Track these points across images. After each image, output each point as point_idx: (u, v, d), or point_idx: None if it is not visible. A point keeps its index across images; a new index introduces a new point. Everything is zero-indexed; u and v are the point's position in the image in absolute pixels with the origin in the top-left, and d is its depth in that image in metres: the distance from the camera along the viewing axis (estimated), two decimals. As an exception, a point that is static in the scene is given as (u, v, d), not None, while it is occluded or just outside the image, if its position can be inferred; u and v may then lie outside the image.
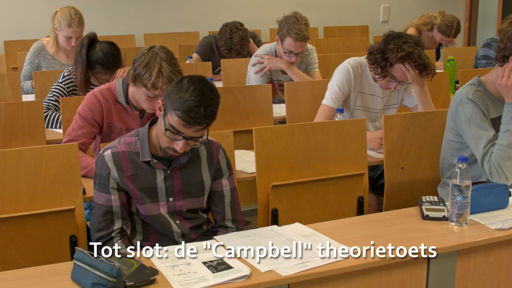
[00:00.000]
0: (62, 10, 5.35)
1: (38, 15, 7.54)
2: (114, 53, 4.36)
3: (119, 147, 2.91)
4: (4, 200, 3.02)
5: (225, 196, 3.05)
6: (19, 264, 2.95)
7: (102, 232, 2.87)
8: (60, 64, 5.53)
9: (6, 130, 4.12)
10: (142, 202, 2.90)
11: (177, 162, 2.93)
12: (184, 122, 2.71)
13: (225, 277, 2.41)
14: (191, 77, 2.76)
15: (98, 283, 2.28)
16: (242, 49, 6.26)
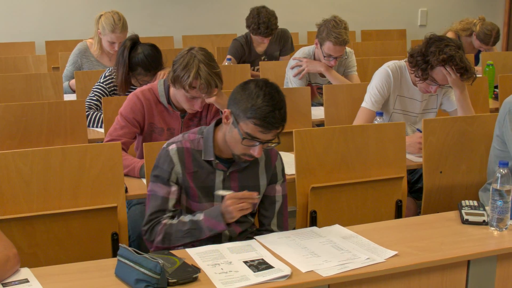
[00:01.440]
0: (106, 15, 5.42)
1: (79, 16, 7.63)
2: (155, 55, 4.41)
3: (184, 143, 2.92)
4: (49, 197, 3.08)
5: (277, 201, 3.06)
6: (62, 260, 3.00)
7: (150, 222, 2.87)
8: (103, 66, 5.60)
9: (50, 129, 4.19)
10: (199, 201, 2.93)
11: (237, 164, 2.94)
12: (262, 128, 2.71)
13: (266, 277, 2.43)
14: (256, 82, 2.75)
15: (141, 280, 2.32)
16: (270, 23, 6.25)
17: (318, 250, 2.66)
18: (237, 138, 2.78)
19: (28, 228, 3.03)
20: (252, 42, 6.50)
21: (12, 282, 2.38)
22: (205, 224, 2.78)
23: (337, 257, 2.60)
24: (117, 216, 3.14)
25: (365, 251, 2.66)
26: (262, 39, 6.32)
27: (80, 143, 4.06)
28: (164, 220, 2.87)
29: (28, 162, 3.04)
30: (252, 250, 2.67)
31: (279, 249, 2.68)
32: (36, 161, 3.05)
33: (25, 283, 2.38)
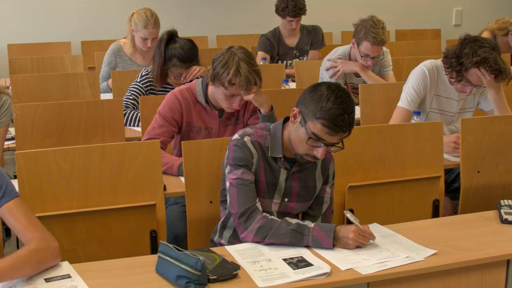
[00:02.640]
0: (139, 12, 5.46)
1: (114, 16, 7.69)
2: (192, 48, 4.46)
3: (256, 137, 2.94)
4: (88, 195, 3.11)
5: (325, 202, 3.07)
6: (101, 256, 3.03)
7: (246, 205, 2.83)
8: (136, 65, 5.65)
9: (87, 128, 4.24)
10: (263, 196, 2.93)
11: (299, 165, 2.95)
12: (330, 130, 2.71)
13: (306, 274, 2.44)
14: (329, 85, 2.76)
15: (182, 276, 2.34)
16: (298, 2, 6.39)
17: (357, 248, 2.66)
18: (302, 138, 2.78)
19: (68, 225, 3.06)
20: (281, 35, 6.55)
21: (55, 277, 2.42)
22: (312, 233, 2.70)
23: (376, 256, 2.60)
24: (155, 213, 3.16)
25: (404, 250, 2.65)
26: (290, 22, 6.38)
27: (118, 142, 4.10)
28: (261, 211, 2.85)
29: (68, 159, 3.08)
30: (291, 248, 2.67)
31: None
32: (76, 159, 3.08)
33: (67, 278, 2.42)
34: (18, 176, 3.03)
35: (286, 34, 6.62)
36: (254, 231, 2.75)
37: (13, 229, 2.54)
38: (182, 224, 3.48)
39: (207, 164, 3.31)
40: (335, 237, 2.69)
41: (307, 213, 3.08)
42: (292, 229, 2.72)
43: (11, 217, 2.51)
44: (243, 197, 2.84)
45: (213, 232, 3.16)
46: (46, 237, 2.48)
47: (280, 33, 6.61)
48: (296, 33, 6.66)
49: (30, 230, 2.48)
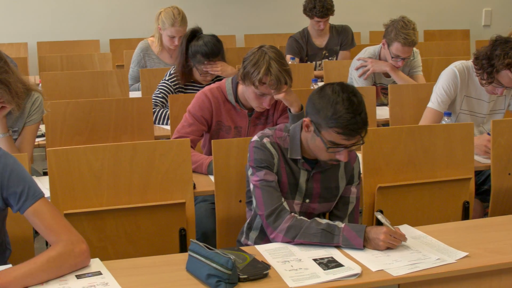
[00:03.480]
0: (166, 10, 5.50)
1: (143, 14, 7.71)
2: (215, 43, 4.48)
3: (275, 138, 2.93)
4: (118, 192, 3.13)
5: (350, 203, 3.05)
6: (130, 254, 3.05)
7: (273, 206, 2.82)
8: (164, 64, 5.67)
9: (117, 125, 4.25)
10: (285, 197, 2.92)
11: (321, 166, 2.94)
12: (346, 136, 2.69)
13: (336, 275, 2.43)
14: (332, 87, 2.72)
15: (213, 275, 2.33)
16: (326, 2, 6.38)
17: (387, 250, 2.64)
18: (321, 147, 2.77)
19: (98, 222, 3.08)
20: (310, 36, 6.53)
21: (86, 274, 2.42)
22: (343, 233, 2.68)
23: (407, 257, 2.58)
24: (185, 212, 3.17)
25: (435, 252, 2.63)
26: (318, 23, 6.36)
27: (147, 140, 4.11)
28: (289, 210, 2.83)
29: (99, 157, 3.09)
30: (321, 248, 2.67)
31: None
32: (107, 157, 3.10)
33: (98, 275, 2.42)
34: (49, 173, 3.05)
35: (315, 35, 6.60)
36: (284, 231, 2.74)
37: (39, 231, 2.54)
38: (211, 221, 3.49)
39: (236, 163, 3.31)
40: (365, 238, 2.67)
41: (332, 213, 3.07)
42: (322, 229, 2.70)
43: (36, 219, 2.49)
44: (269, 197, 2.84)
45: (239, 233, 3.16)
46: (72, 240, 2.46)
47: (308, 34, 6.60)
48: (325, 33, 6.63)
49: (56, 233, 2.47)
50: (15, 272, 2.31)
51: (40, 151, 5.79)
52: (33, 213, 2.48)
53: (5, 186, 2.47)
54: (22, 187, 2.48)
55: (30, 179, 2.53)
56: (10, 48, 7.03)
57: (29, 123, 3.54)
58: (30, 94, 3.51)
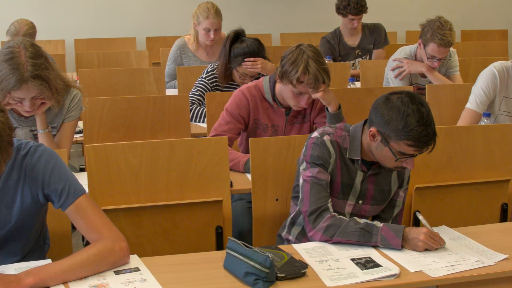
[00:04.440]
0: (200, 5, 5.61)
1: (179, 12, 7.75)
2: (258, 46, 4.48)
3: (335, 137, 2.92)
4: (156, 189, 3.14)
5: (397, 206, 3.05)
6: (167, 251, 3.08)
7: (318, 204, 2.81)
8: (200, 61, 5.70)
9: (153, 123, 4.27)
10: (337, 196, 2.93)
11: (377, 168, 2.93)
12: (417, 148, 2.70)
13: (374, 275, 2.42)
14: (401, 98, 2.70)
15: (251, 273, 2.33)
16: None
17: (426, 251, 2.62)
18: (388, 156, 2.76)
19: (135, 219, 3.10)
20: (342, 35, 6.50)
21: (124, 270, 2.44)
22: (381, 232, 2.67)
23: (446, 258, 2.56)
24: (222, 209, 3.18)
25: (474, 253, 2.61)
26: (352, 21, 6.32)
27: (183, 138, 4.13)
28: (331, 210, 2.82)
29: (137, 154, 3.11)
30: (359, 248, 2.66)
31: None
32: (144, 154, 3.12)
33: (136, 271, 2.44)
34: (87, 169, 3.08)
35: (347, 34, 6.56)
36: (322, 229, 2.74)
37: (79, 229, 2.56)
38: (247, 220, 3.50)
39: (274, 162, 3.30)
40: (404, 238, 2.66)
41: (378, 215, 3.06)
42: (360, 227, 2.70)
43: (77, 216, 2.52)
44: (316, 195, 2.83)
45: (281, 228, 3.16)
46: (113, 237, 2.48)
47: (340, 34, 6.55)
48: (357, 32, 6.59)
49: (96, 230, 2.50)
50: (55, 268, 2.34)
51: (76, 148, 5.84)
52: (74, 211, 2.50)
53: (46, 183, 2.50)
54: (63, 184, 2.50)
55: (71, 176, 2.55)
56: (48, 45, 7.11)
57: (68, 119, 3.57)
58: (69, 91, 3.54)
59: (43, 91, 3.25)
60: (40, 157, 2.51)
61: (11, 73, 3.16)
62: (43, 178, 2.50)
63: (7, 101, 3.25)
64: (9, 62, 3.18)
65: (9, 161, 2.45)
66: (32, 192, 2.52)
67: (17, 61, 3.18)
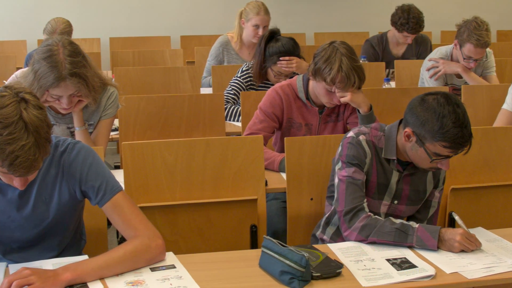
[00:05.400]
0: (250, 3, 5.69)
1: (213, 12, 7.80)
2: (293, 45, 4.49)
3: (371, 137, 2.91)
4: (191, 187, 3.16)
5: (432, 207, 3.04)
6: (201, 249, 3.09)
7: (353, 204, 2.81)
8: (242, 60, 5.72)
9: (189, 121, 4.29)
10: (372, 196, 2.92)
11: (412, 168, 2.92)
12: (453, 149, 2.69)
13: (410, 276, 2.41)
14: (437, 98, 2.68)
15: (286, 272, 2.33)
16: (419, 19, 6.13)
17: (462, 252, 2.61)
18: (423, 157, 2.75)
19: (170, 216, 3.12)
20: (388, 43, 6.39)
21: (160, 267, 2.46)
22: (417, 233, 2.66)
23: (482, 260, 2.55)
24: (256, 208, 3.18)
25: (511, 256, 2.59)
26: (405, 37, 6.19)
27: (218, 136, 4.14)
28: (367, 211, 2.82)
29: (173, 152, 3.13)
30: (394, 249, 2.65)
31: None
32: (180, 152, 3.14)
33: (172, 268, 2.45)
34: (123, 167, 3.11)
35: (394, 43, 6.40)
36: (358, 229, 2.73)
37: (116, 225, 2.59)
38: (281, 219, 3.50)
39: (309, 161, 3.30)
40: (440, 239, 2.64)
41: (413, 216, 3.05)
42: (396, 228, 2.68)
43: (114, 213, 2.54)
44: (351, 195, 2.82)
45: (315, 227, 3.15)
46: (149, 234, 2.50)
47: (387, 41, 6.40)
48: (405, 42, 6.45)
49: (133, 227, 2.52)
50: (92, 264, 2.36)
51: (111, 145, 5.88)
52: (111, 207, 2.53)
53: (83, 180, 2.52)
54: (101, 181, 2.53)
55: (108, 173, 2.57)
56: (84, 43, 7.17)
57: (104, 117, 3.60)
58: (106, 89, 3.57)
59: (80, 89, 3.29)
60: (78, 154, 2.54)
61: (50, 71, 3.20)
62: (80, 175, 2.53)
63: (45, 99, 3.29)
64: (48, 60, 3.22)
65: (47, 158, 2.48)
66: (70, 188, 2.55)
67: (56, 59, 3.22)
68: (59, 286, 2.25)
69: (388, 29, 6.39)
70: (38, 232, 2.60)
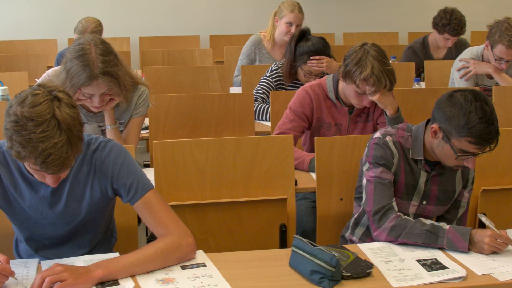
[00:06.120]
0: (284, 1, 5.72)
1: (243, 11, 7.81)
2: (323, 45, 4.48)
3: (398, 138, 2.91)
4: (221, 186, 3.18)
5: (461, 207, 3.02)
6: (231, 247, 3.10)
7: (382, 203, 2.80)
8: (273, 60, 5.71)
9: (218, 120, 4.30)
10: (401, 197, 2.92)
11: (440, 168, 2.91)
12: (479, 145, 2.66)
13: (441, 277, 2.40)
14: (464, 95, 2.67)
15: (317, 271, 2.34)
16: (461, 21, 6.04)
17: (493, 254, 2.59)
18: (449, 154, 2.73)
19: (200, 215, 3.13)
20: (429, 47, 6.32)
21: (191, 265, 2.47)
22: (448, 235, 2.65)
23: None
24: (286, 208, 3.19)
25: (544, 258, 2.57)
26: (446, 40, 6.11)
27: (247, 135, 4.15)
28: (397, 211, 2.81)
29: (203, 151, 3.14)
30: (424, 249, 2.64)
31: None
32: (211, 151, 3.15)
33: (202, 267, 2.47)
34: (154, 165, 3.13)
35: (435, 46, 6.31)
36: (388, 229, 2.72)
37: (147, 223, 2.61)
38: (310, 219, 3.50)
39: (339, 161, 3.30)
40: (470, 241, 2.63)
41: (442, 216, 3.03)
42: (426, 229, 2.67)
43: (145, 211, 2.56)
44: (380, 195, 2.82)
45: (344, 228, 3.15)
46: (180, 233, 2.51)
47: (428, 45, 6.33)
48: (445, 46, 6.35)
49: (164, 225, 2.53)
50: (124, 261, 2.38)
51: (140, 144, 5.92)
52: (142, 205, 2.54)
53: (115, 178, 2.54)
54: (132, 179, 2.55)
55: (140, 172, 2.59)
56: (113, 42, 7.12)
57: (135, 115, 3.62)
58: (137, 88, 3.59)
59: (112, 88, 3.31)
60: (109, 152, 2.56)
61: (82, 70, 3.23)
62: (112, 173, 2.55)
63: (77, 97, 3.32)
64: (80, 59, 3.25)
65: (79, 155, 2.50)
66: (101, 186, 2.57)
67: (88, 58, 3.25)
68: (91, 283, 2.27)
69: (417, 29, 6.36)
70: (70, 229, 2.63)
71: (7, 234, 2.86)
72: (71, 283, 2.23)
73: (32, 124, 2.21)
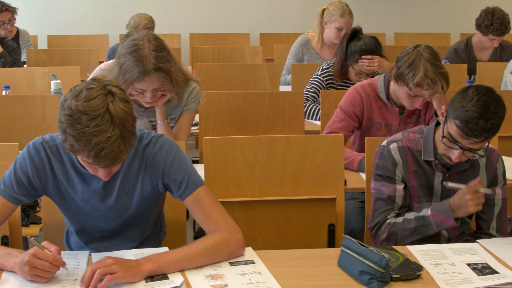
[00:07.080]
0: (334, 3, 5.64)
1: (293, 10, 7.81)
2: (375, 44, 4.46)
3: (404, 142, 2.92)
4: (270, 184, 3.18)
5: (496, 204, 2.97)
6: (279, 245, 3.11)
7: (376, 220, 2.89)
8: (321, 60, 5.69)
9: (268, 118, 4.31)
10: (419, 201, 2.91)
11: (457, 166, 2.89)
12: (462, 132, 2.64)
13: (492, 282, 2.37)
14: (478, 87, 2.67)
15: (366, 272, 2.32)
16: (504, 21, 5.92)
17: (546, 260, 2.56)
18: (440, 136, 2.76)
19: (249, 212, 3.14)
20: (473, 47, 6.24)
21: (239, 262, 2.48)
22: (433, 220, 2.75)
23: None
24: (335, 207, 3.18)
25: None
26: (491, 41, 6.02)
27: (297, 134, 4.15)
28: (389, 219, 2.87)
29: (253, 148, 3.15)
30: (475, 253, 2.61)
31: (504, 254, 2.60)
32: (261, 148, 3.16)
33: (251, 264, 2.47)
34: (204, 162, 3.15)
35: (479, 47, 6.24)
36: (384, 241, 2.85)
37: (196, 219, 2.61)
38: (359, 219, 3.49)
39: (389, 162, 3.27)
40: (453, 210, 2.72)
41: (478, 216, 2.99)
42: (414, 227, 2.80)
43: (195, 207, 2.57)
44: (377, 211, 2.92)
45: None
46: (229, 229, 2.52)
47: (472, 46, 6.27)
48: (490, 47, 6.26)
49: (214, 221, 2.54)
50: (173, 255, 2.40)
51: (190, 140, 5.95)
52: (192, 201, 2.56)
53: (166, 173, 2.56)
54: (183, 175, 2.56)
55: (191, 167, 2.60)
56: (164, 38, 7.02)
57: (186, 111, 3.64)
58: (188, 84, 3.61)
59: (164, 83, 3.33)
60: (161, 148, 2.57)
61: (135, 65, 3.26)
62: (163, 168, 2.56)
63: (129, 92, 3.34)
64: (133, 54, 3.28)
65: (131, 150, 2.52)
66: (152, 181, 2.59)
67: (141, 53, 3.27)
68: (141, 276, 2.29)
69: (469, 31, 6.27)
70: (120, 222, 2.65)
71: (58, 225, 2.90)
72: (121, 276, 2.25)
73: (86, 118, 2.24)
